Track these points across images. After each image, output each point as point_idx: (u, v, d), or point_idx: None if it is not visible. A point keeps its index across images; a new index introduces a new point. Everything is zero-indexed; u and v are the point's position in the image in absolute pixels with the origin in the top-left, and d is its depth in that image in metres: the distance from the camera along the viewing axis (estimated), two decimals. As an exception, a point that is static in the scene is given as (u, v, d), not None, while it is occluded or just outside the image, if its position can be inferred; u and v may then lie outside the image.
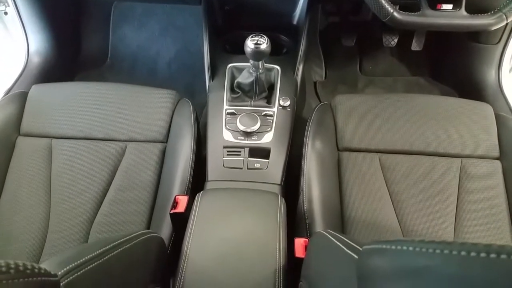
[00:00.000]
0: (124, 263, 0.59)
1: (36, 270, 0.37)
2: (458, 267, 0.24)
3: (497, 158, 1.02)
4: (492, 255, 0.22)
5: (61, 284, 0.42)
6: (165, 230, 0.88)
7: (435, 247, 0.26)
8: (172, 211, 0.85)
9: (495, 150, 1.02)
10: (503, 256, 0.22)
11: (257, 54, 0.98)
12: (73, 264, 0.46)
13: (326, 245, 0.58)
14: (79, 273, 0.46)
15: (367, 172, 1.00)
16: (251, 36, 0.98)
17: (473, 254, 0.23)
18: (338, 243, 0.50)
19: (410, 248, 0.28)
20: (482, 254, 0.23)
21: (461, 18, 0.92)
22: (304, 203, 0.91)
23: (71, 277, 0.44)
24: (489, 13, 0.91)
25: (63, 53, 1.60)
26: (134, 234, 0.65)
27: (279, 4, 1.33)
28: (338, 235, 0.54)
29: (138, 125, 1.06)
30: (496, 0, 1.01)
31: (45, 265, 0.41)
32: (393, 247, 0.30)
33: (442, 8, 0.93)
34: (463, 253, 0.24)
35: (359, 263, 0.36)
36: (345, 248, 0.46)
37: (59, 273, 0.43)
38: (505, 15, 0.90)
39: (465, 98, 1.14)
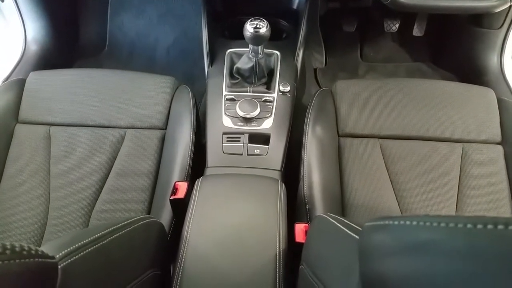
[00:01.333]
0: (123, 247, 0.59)
1: (33, 252, 0.36)
2: (464, 240, 0.23)
3: (499, 143, 1.01)
4: (500, 227, 0.21)
5: (59, 267, 0.42)
6: (165, 217, 0.88)
7: (440, 220, 0.25)
8: (172, 197, 0.85)
9: (497, 135, 1.01)
10: (511, 228, 0.21)
11: (257, 38, 0.96)
12: (71, 247, 0.45)
13: (327, 228, 0.57)
14: (77, 256, 0.45)
15: (368, 158, 0.99)
16: (250, 20, 0.96)
17: (479, 226, 0.22)
18: (339, 225, 0.49)
19: (414, 223, 0.27)
20: (489, 226, 0.22)
21: (464, 0, 0.91)
22: (305, 188, 0.90)
23: (69, 260, 0.44)
24: None
25: (61, 41, 1.58)
26: (134, 219, 0.64)
27: None
28: (339, 217, 0.54)
29: (137, 112, 1.05)
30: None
31: (44, 248, 0.41)
32: (396, 222, 0.29)
33: None
34: (469, 225, 0.23)
35: (361, 241, 0.36)
36: (346, 230, 0.45)
37: (57, 256, 0.43)
38: (509, -4, 0.89)
39: (467, 83, 1.12)
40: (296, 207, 0.95)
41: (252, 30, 0.95)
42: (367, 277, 0.33)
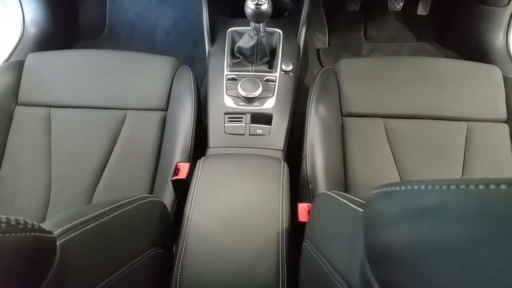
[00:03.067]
0: (124, 225, 0.58)
1: (29, 226, 0.35)
2: (476, 203, 0.22)
3: (504, 122, 1.00)
4: None
5: (58, 243, 0.41)
6: (167, 197, 0.87)
7: (450, 183, 0.24)
8: (173, 178, 0.84)
9: (502, 113, 1.00)
10: None
11: (258, 15, 0.94)
12: (70, 224, 0.45)
13: (330, 203, 0.57)
14: (76, 233, 0.45)
15: (371, 137, 0.98)
16: None
17: (492, 187, 0.21)
18: (343, 199, 0.48)
19: (422, 187, 0.26)
20: (503, 186, 0.21)
21: None
22: (308, 168, 0.89)
23: (68, 237, 0.43)
24: None
25: (59, 23, 1.56)
26: (135, 197, 0.64)
27: None
28: (343, 193, 0.53)
29: (137, 93, 1.04)
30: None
31: (43, 225, 0.40)
32: (403, 187, 0.28)
33: None
34: (481, 186, 0.22)
35: (366, 211, 0.35)
36: (350, 204, 0.44)
37: (56, 232, 0.42)
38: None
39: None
40: (299, 187, 0.94)
41: (253, 7, 0.93)
42: (372, 248, 0.32)
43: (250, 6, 0.93)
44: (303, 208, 0.78)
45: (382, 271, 0.30)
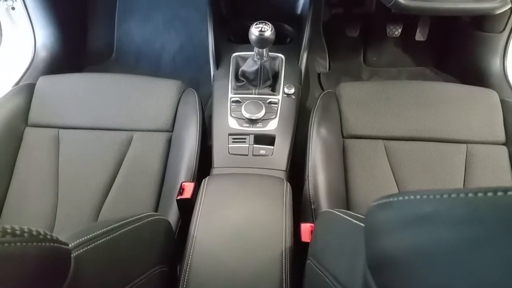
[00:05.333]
0: (131, 241, 0.60)
1: (48, 237, 0.38)
2: (466, 208, 0.24)
3: (503, 144, 1.02)
4: (500, 193, 0.23)
5: (73, 255, 0.43)
6: (172, 216, 0.89)
7: (442, 192, 0.26)
8: (178, 197, 0.86)
9: (501, 136, 1.02)
10: (510, 193, 0.22)
11: (262, 41, 0.99)
12: (84, 238, 0.47)
13: (332, 220, 0.58)
14: (89, 246, 0.47)
15: (372, 159, 1.00)
16: (255, 23, 0.98)
17: (480, 194, 0.24)
18: (346, 216, 0.50)
19: (417, 197, 0.28)
20: (489, 194, 0.23)
21: (465, 2, 0.92)
22: (310, 188, 0.91)
23: (81, 250, 0.45)
24: None
25: (69, 47, 1.61)
26: (142, 215, 0.66)
27: None
28: (345, 211, 0.55)
29: (144, 115, 1.07)
30: (500, -16, 1.01)
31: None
32: (400, 198, 0.30)
33: None
34: (470, 194, 0.24)
35: (366, 222, 0.37)
36: (352, 219, 0.46)
37: (71, 244, 0.44)
38: (509, -2, 0.91)
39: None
40: (301, 207, 0.96)
41: (257, 33, 0.97)
42: (373, 256, 0.34)
43: (254, 33, 0.97)
44: (306, 228, 0.79)
45: (383, 278, 0.32)
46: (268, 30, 0.97)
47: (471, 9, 0.93)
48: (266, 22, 0.99)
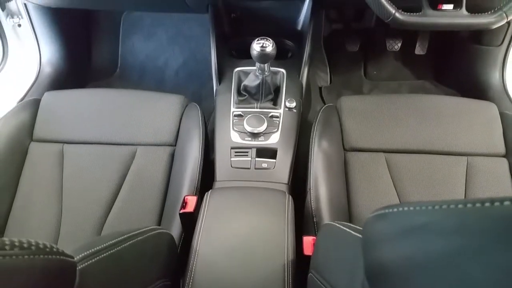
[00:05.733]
0: (135, 255, 0.61)
1: (55, 250, 0.39)
2: (456, 219, 0.25)
3: (503, 156, 1.02)
4: (487, 204, 0.24)
5: (78, 268, 0.44)
6: (175, 230, 0.90)
7: (434, 204, 0.27)
8: (181, 211, 0.86)
9: (501, 148, 1.03)
10: (497, 204, 0.23)
11: (263, 57, 1.01)
12: (89, 251, 0.48)
13: (333, 232, 0.59)
14: (93, 260, 0.48)
15: (374, 172, 1.01)
16: (257, 39, 1.01)
17: (469, 205, 0.25)
18: (345, 228, 0.51)
19: (411, 208, 0.29)
20: (478, 205, 0.24)
21: (462, 17, 0.94)
22: (312, 201, 0.92)
23: (86, 263, 0.46)
24: (489, 12, 0.93)
25: (74, 64, 1.64)
26: (145, 229, 0.66)
27: (283, 10, 1.37)
28: (345, 223, 0.56)
29: (148, 129, 1.08)
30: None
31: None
32: (395, 209, 0.32)
33: (443, 8, 0.95)
34: (460, 206, 0.25)
35: (363, 233, 0.38)
36: (351, 231, 0.47)
37: (76, 258, 0.45)
38: (505, 13, 0.92)
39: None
40: (303, 220, 0.96)
41: (258, 49, 0.99)
42: (370, 267, 0.35)
43: (255, 48, 0.99)
44: (308, 241, 0.79)
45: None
46: (269, 46, 0.99)
47: (468, 24, 0.95)
48: (267, 38, 1.01)
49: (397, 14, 0.92)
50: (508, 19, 0.93)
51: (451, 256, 0.24)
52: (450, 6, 0.95)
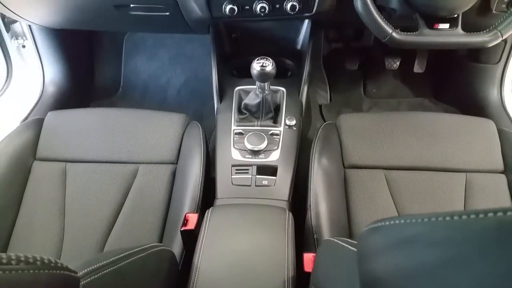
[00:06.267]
0: (137, 271, 0.61)
1: (59, 265, 0.39)
2: (444, 231, 0.26)
3: (501, 172, 1.03)
4: (472, 216, 0.25)
5: (81, 283, 0.44)
6: (176, 248, 0.90)
7: (423, 217, 0.28)
8: (182, 228, 0.87)
9: (499, 164, 1.03)
10: (481, 216, 0.24)
11: (263, 76, 1.02)
12: (92, 267, 0.48)
13: (332, 248, 0.59)
14: (96, 275, 0.48)
15: (373, 189, 1.01)
16: (257, 59, 1.03)
17: (456, 218, 0.26)
18: (344, 244, 0.51)
19: (402, 221, 0.30)
20: (464, 217, 0.25)
21: (458, 36, 0.96)
22: (312, 218, 0.92)
23: (89, 279, 0.46)
24: (484, 31, 0.95)
25: (77, 83, 1.67)
26: (147, 246, 0.67)
27: (283, 31, 1.40)
28: (344, 239, 0.56)
29: (150, 148, 1.09)
30: (491, 18, 1.06)
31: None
32: (387, 223, 0.32)
33: (439, 27, 0.97)
34: (447, 218, 0.26)
35: (358, 247, 0.38)
36: (348, 246, 0.48)
37: (80, 273, 0.45)
38: (500, 32, 0.94)
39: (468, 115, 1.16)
40: (304, 237, 0.96)
41: (258, 68, 1.01)
42: (364, 280, 0.35)
43: (255, 68, 1.01)
44: (308, 258, 0.80)
45: None
46: (269, 65, 1.01)
47: (463, 43, 0.97)
48: (267, 57, 1.03)
49: (394, 34, 0.94)
50: (503, 38, 0.95)
51: (439, 266, 0.25)
52: (446, 26, 0.97)
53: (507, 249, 0.21)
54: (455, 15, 0.95)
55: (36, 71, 1.55)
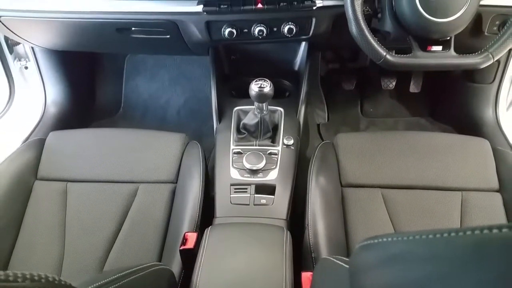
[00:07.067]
0: None
1: (62, 282, 0.40)
2: (427, 247, 0.27)
3: (497, 191, 1.04)
4: (452, 234, 0.26)
5: None
6: (175, 267, 0.90)
7: (409, 235, 0.30)
8: (181, 248, 0.87)
9: (494, 183, 1.05)
10: (460, 234, 0.25)
11: (261, 96, 1.05)
12: (92, 286, 0.49)
13: (329, 267, 0.60)
14: None
15: (370, 207, 1.02)
16: (255, 80, 1.05)
17: (438, 235, 0.27)
18: (339, 262, 0.52)
19: (389, 239, 0.32)
20: (445, 234, 0.27)
21: (451, 58, 0.98)
22: (310, 237, 0.93)
23: None
24: (476, 53, 0.97)
25: (78, 104, 1.69)
26: (145, 265, 0.67)
27: (281, 52, 1.43)
28: (340, 257, 0.57)
29: (149, 167, 1.11)
30: (483, 40, 1.08)
31: None
32: (375, 241, 0.34)
33: (432, 49, 1.00)
34: (430, 236, 0.28)
35: (350, 264, 0.40)
36: (344, 265, 0.49)
37: None
38: (491, 54, 0.96)
39: (463, 135, 1.18)
40: (302, 256, 0.96)
41: (256, 89, 1.03)
42: None
43: (253, 89, 1.04)
44: (306, 277, 0.80)
45: None
46: (267, 86, 1.03)
47: (456, 65, 0.99)
48: (265, 79, 1.05)
49: (388, 56, 0.96)
50: (494, 60, 0.97)
51: (422, 281, 0.26)
52: (439, 48, 0.99)
53: (483, 266, 0.23)
54: (448, 38, 0.98)
55: (38, 91, 1.58)
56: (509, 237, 0.23)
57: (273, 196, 1.04)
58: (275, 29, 1.14)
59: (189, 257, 0.87)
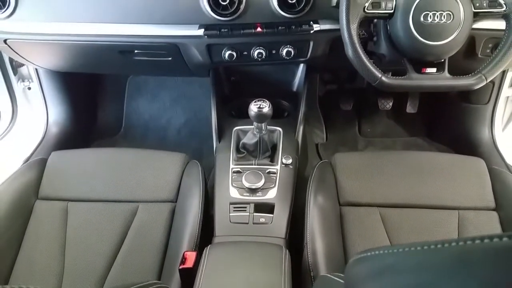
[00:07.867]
0: None
1: None
2: (416, 259, 0.29)
3: (493, 209, 1.05)
4: (439, 246, 0.28)
5: None
6: (175, 286, 0.90)
7: (400, 247, 0.31)
8: (181, 267, 0.88)
9: (490, 202, 1.06)
10: (446, 245, 0.27)
11: (260, 117, 1.07)
12: None
13: (327, 283, 0.61)
14: None
15: (369, 226, 1.03)
16: (254, 100, 1.08)
17: (425, 247, 0.29)
18: (336, 278, 0.53)
19: (381, 252, 0.33)
20: (432, 246, 0.28)
21: (445, 80, 1.00)
22: (309, 256, 0.93)
23: None
24: (470, 75, 1.00)
25: (80, 124, 1.71)
26: (146, 283, 0.68)
27: (279, 74, 1.46)
28: (338, 274, 0.58)
29: (150, 187, 1.12)
30: (476, 62, 1.11)
31: None
32: (368, 254, 0.35)
33: (426, 71, 1.02)
34: (418, 248, 0.29)
35: (345, 278, 0.41)
36: (340, 280, 0.49)
37: None
38: (484, 76, 0.99)
39: (460, 154, 1.20)
40: (301, 274, 0.97)
41: (256, 110, 1.06)
42: None
43: (253, 109, 1.06)
44: None
45: None
46: (266, 107, 1.06)
47: (450, 86, 1.01)
48: (264, 99, 1.08)
49: (383, 78, 0.99)
50: (487, 81, 0.99)
51: None
52: (433, 70, 1.02)
53: (466, 274, 0.24)
54: (442, 60, 1.01)
55: (40, 112, 1.60)
56: (491, 247, 0.24)
57: (272, 215, 1.05)
58: (274, 51, 1.17)
59: (189, 276, 0.87)
